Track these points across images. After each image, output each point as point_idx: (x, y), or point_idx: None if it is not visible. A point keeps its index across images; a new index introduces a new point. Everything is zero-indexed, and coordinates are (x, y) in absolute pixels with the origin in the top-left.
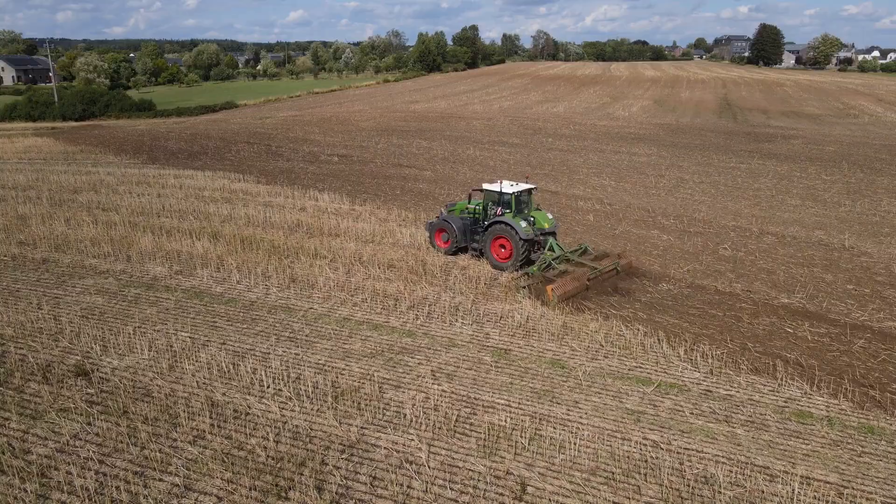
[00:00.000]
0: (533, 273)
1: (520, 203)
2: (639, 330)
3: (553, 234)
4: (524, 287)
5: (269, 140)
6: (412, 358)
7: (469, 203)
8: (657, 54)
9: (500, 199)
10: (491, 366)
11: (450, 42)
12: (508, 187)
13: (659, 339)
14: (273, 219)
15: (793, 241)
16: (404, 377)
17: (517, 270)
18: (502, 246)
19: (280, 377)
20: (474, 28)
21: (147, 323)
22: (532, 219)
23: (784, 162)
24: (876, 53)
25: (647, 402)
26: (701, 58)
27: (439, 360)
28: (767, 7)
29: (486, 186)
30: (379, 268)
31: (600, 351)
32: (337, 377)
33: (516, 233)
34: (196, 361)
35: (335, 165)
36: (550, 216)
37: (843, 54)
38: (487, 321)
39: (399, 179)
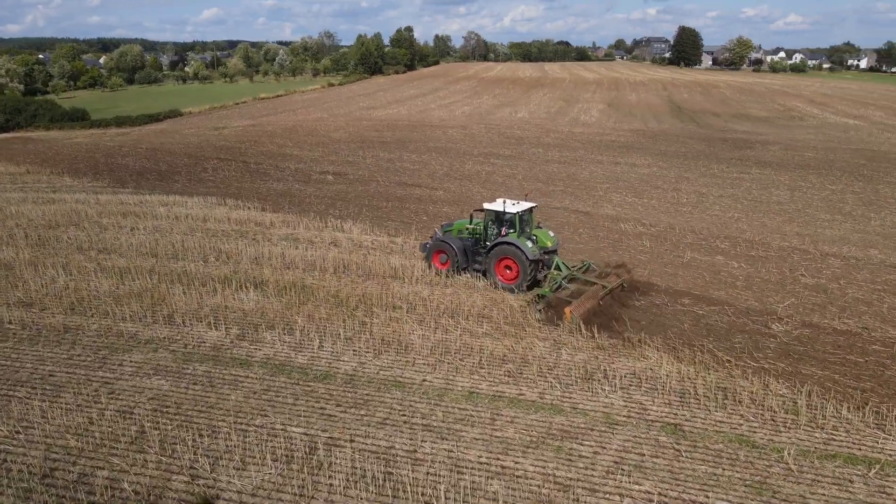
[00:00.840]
0: (545, 294)
1: (522, 222)
2: (799, 389)
3: (555, 252)
4: (539, 310)
5: (241, 155)
6: (581, 445)
7: (470, 223)
8: (581, 55)
9: (503, 218)
10: (674, 449)
11: (387, 43)
12: (511, 206)
13: (828, 400)
14: (309, 257)
15: (858, 264)
16: (591, 475)
17: (524, 291)
18: (508, 267)
19: (456, 489)
20: (409, 29)
21: (241, 415)
22: (534, 237)
23: (779, 171)
24: (782, 54)
25: (878, 489)
26: (622, 58)
27: (613, 447)
28: (673, 9)
29: (487, 206)
30: (469, 319)
31: (777, 419)
32: (518, 482)
33: (523, 253)
34: (336, 471)
35: (334, 186)
36: (552, 234)
37: (752, 55)
38: (629, 384)
39: (414, 202)
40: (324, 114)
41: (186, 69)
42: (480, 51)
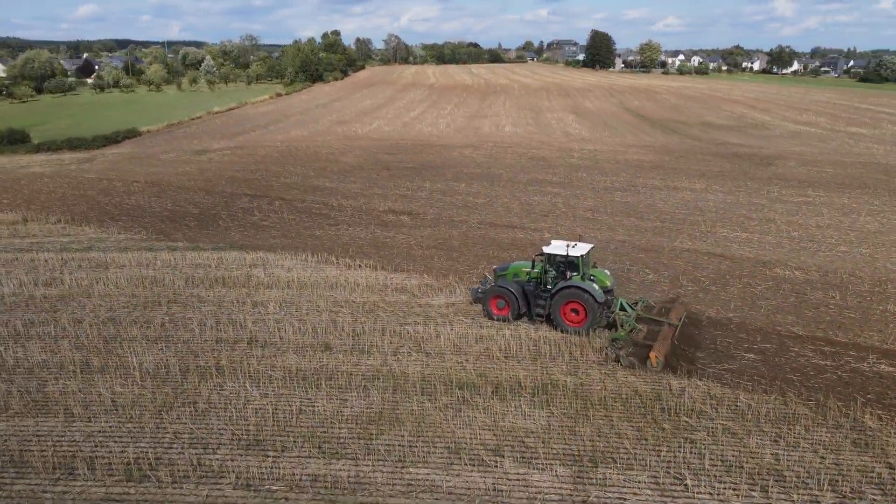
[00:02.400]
0: (620, 338)
1: (584, 265)
2: None
3: (612, 291)
4: (623, 356)
5: (266, 190)
6: None
7: (533, 267)
8: (494, 57)
9: (566, 262)
10: None
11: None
12: (574, 250)
13: None
14: (513, 341)
15: None
16: None
17: (589, 333)
18: (574, 310)
19: None
20: (336, 33)
21: None
22: (594, 278)
23: (821, 190)
24: (681, 57)
25: None
26: (532, 59)
27: None
28: (562, 11)
29: (548, 250)
30: None
31: None
32: None
33: (592, 297)
34: None
35: (419, 230)
36: (608, 272)
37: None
38: None
39: (534, 248)
40: (301, 130)
41: (102, 76)
42: (401, 53)
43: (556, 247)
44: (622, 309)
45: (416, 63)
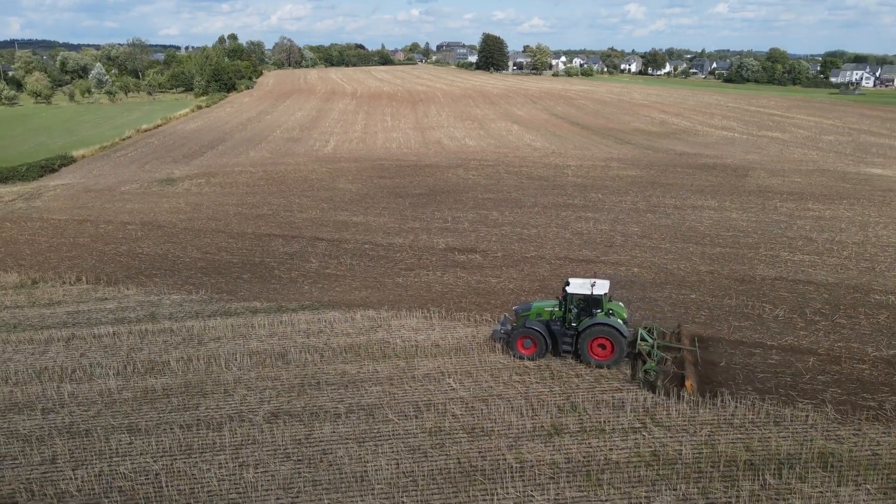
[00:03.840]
0: (652, 369)
1: (606, 301)
2: None
3: (628, 322)
4: (658, 386)
5: (291, 228)
6: None
7: (560, 307)
8: (384, 59)
9: (590, 300)
10: None
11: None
12: (598, 288)
13: None
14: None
15: None
16: None
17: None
18: (602, 345)
19: None
20: (234, 37)
21: None
22: (612, 312)
23: (813, 202)
24: (563, 58)
25: None
26: (422, 62)
27: None
28: (434, 11)
29: (572, 290)
30: None
31: None
32: None
33: (620, 332)
34: None
35: (506, 270)
36: (622, 304)
37: (525, 59)
38: None
39: (631, 283)
40: (260, 151)
41: None
42: (295, 57)
43: (580, 285)
44: (642, 339)
45: (308, 67)
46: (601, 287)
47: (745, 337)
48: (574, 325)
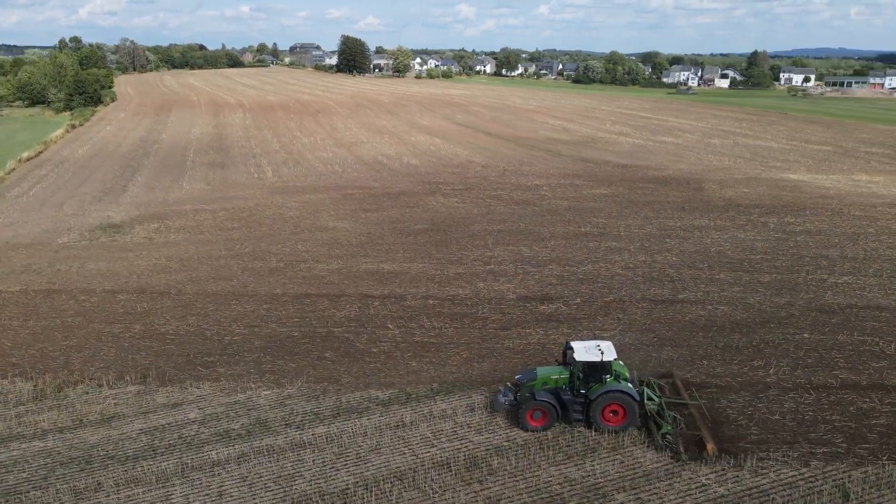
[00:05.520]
0: (668, 432)
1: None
2: None
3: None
4: (681, 455)
5: (322, 285)
6: None
7: (577, 377)
8: (233, 61)
9: (600, 367)
10: None
11: None
12: (607, 355)
13: None
14: None
15: None
16: None
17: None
18: (613, 411)
19: None
20: (76, 39)
21: None
22: (617, 373)
23: (785, 215)
24: (419, 60)
25: None
26: (273, 63)
27: None
28: (266, 8)
29: (583, 358)
30: None
31: None
32: None
33: (632, 398)
34: None
35: (601, 320)
36: (622, 363)
37: (382, 61)
38: None
39: (739, 327)
40: (194, 184)
41: None
42: (140, 60)
43: (587, 351)
44: (649, 398)
45: (152, 70)
46: (609, 352)
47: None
48: (584, 392)
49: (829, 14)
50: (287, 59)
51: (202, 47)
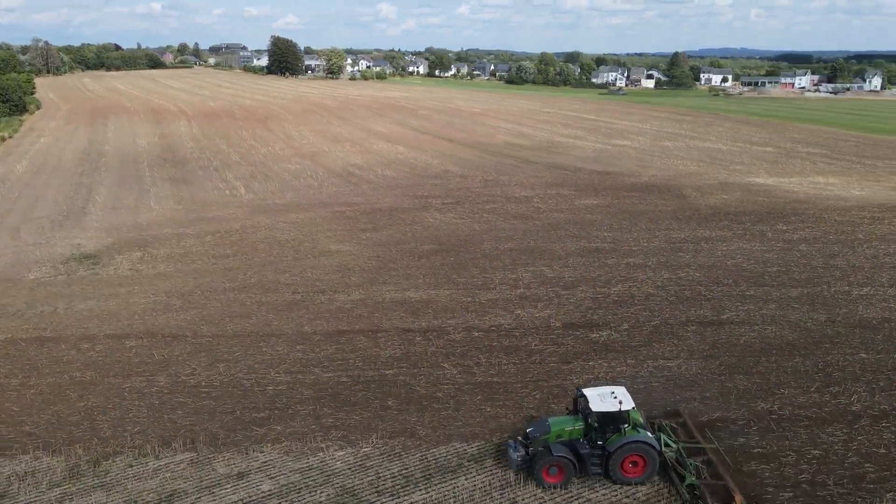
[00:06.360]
0: (695, 484)
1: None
2: None
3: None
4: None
5: (357, 318)
6: None
7: (591, 427)
8: (154, 62)
9: (618, 417)
10: None
11: None
12: (626, 404)
13: None
14: None
15: None
16: None
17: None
18: (633, 463)
19: None
20: None
21: None
22: (634, 421)
23: (776, 223)
24: (350, 60)
25: None
26: (197, 64)
27: None
28: (179, 5)
29: (599, 408)
30: None
31: None
32: None
33: (653, 448)
34: None
35: (665, 352)
36: (634, 406)
37: (314, 62)
38: None
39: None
40: (164, 204)
41: None
42: (55, 62)
43: (601, 400)
44: (666, 445)
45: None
46: (626, 400)
47: None
48: (601, 443)
49: (731, 16)
50: (212, 60)
51: (118, 47)
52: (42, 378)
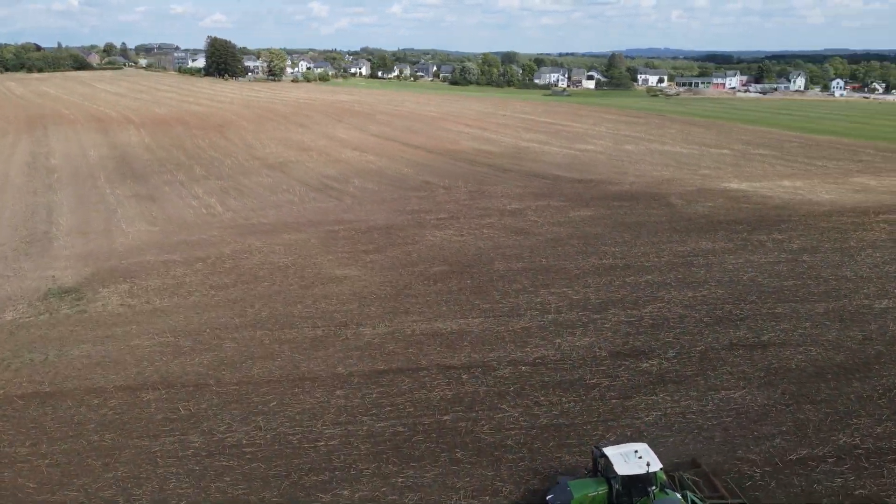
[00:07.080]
0: None
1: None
2: None
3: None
4: None
5: (392, 357)
6: None
7: (616, 491)
8: (80, 63)
9: (645, 479)
10: None
11: None
12: (653, 466)
13: None
14: None
15: None
16: None
17: None
18: None
19: None
20: None
21: None
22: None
23: (772, 232)
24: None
25: None
26: (126, 66)
27: None
28: (98, 2)
29: (622, 471)
30: None
31: None
32: None
33: None
34: None
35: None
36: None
37: (252, 63)
38: None
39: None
40: (137, 226)
41: None
42: None
43: (626, 461)
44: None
45: None
46: (653, 461)
47: None
48: None
49: (655, 17)
50: (143, 61)
51: (38, 47)
52: (54, 444)
